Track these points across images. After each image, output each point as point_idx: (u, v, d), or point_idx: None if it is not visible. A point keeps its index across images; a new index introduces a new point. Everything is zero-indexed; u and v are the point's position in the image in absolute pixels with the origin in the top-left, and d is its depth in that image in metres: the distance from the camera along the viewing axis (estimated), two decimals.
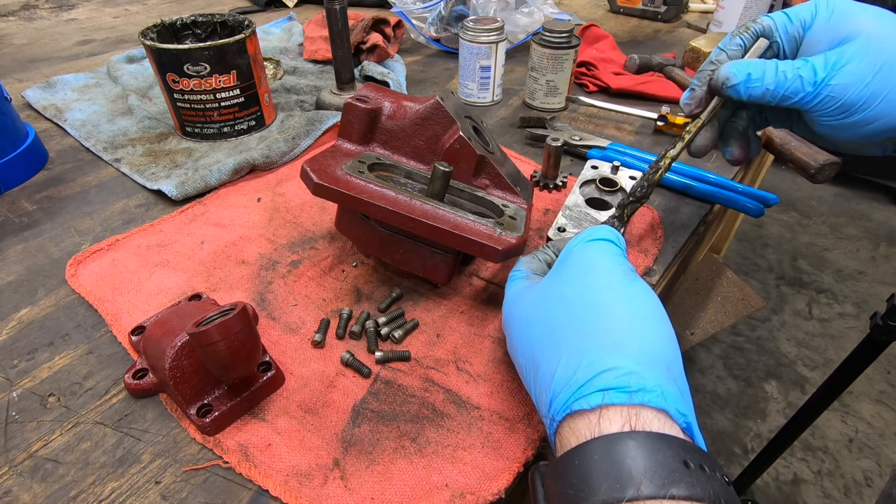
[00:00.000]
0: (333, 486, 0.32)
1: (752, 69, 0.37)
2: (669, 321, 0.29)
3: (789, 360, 1.65)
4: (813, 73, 0.35)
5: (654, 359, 0.26)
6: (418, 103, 0.46)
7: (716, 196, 0.57)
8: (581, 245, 0.33)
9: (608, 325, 0.28)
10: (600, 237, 0.33)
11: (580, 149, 0.66)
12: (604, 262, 0.31)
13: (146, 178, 0.60)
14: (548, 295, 0.32)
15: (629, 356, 0.26)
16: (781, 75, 0.36)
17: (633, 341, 0.27)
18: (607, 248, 0.32)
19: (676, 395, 0.25)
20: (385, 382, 0.39)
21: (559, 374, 0.27)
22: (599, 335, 0.27)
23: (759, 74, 0.36)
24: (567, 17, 0.99)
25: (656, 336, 0.28)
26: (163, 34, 0.68)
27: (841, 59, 0.34)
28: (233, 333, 0.32)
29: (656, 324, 0.28)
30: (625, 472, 0.22)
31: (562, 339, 0.29)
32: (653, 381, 0.25)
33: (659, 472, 0.21)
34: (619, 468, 0.22)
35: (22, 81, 0.86)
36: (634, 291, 0.30)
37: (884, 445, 1.40)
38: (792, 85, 0.35)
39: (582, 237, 0.34)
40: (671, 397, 0.25)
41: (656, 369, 0.26)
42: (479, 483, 0.32)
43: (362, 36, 0.86)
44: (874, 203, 2.35)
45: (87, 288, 0.46)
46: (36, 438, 0.35)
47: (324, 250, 0.51)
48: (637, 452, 0.22)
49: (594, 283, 0.30)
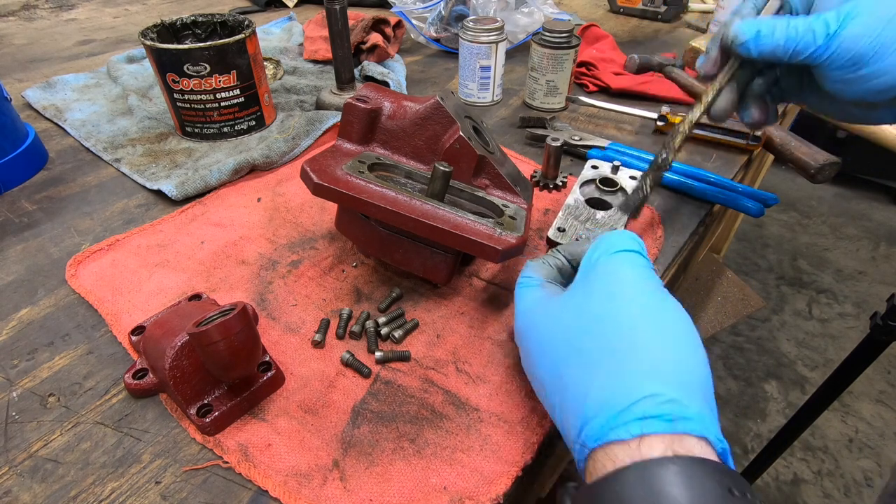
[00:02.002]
0: (333, 487, 0.32)
1: (762, 26, 0.36)
2: (700, 340, 0.28)
3: (789, 360, 1.65)
4: (825, 25, 0.34)
5: (692, 383, 0.26)
6: (418, 103, 0.46)
7: (716, 196, 0.57)
8: (607, 256, 0.31)
9: (644, 346, 0.27)
10: (627, 248, 0.31)
11: (580, 149, 0.66)
12: (633, 276, 0.30)
13: (146, 178, 0.60)
14: (573, 310, 0.31)
15: (668, 382, 0.25)
16: (792, 30, 0.35)
17: (671, 365, 0.26)
18: (635, 260, 0.31)
19: (714, 421, 0.25)
20: (385, 383, 0.39)
21: (592, 399, 0.26)
22: (635, 358, 0.26)
23: (768, 31, 0.36)
24: (567, 17, 0.99)
25: (693, 359, 0.27)
26: (163, 34, 0.68)
27: (853, 12, 0.34)
28: (233, 333, 0.32)
29: (691, 345, 0.27)
30: (668, 499, 0.21)
31: (592, 360, 0.28)
32: (694, 409, 0.24)
33: (704, 499, 0.21)
34: (662, 495, 0.21)
35: (22, 81, 0.86)
36: (668, 310, 0.29)
37: (884, 445, 1.40)
38: (803, 39, 0.35)
39: (606, 247, 0.32)
40: (711, 424, 0.24)
41: (695, 395, 0.25)
42: (478, 487, 0.32)
43: (362, 36, 0.86)
44: (874, 203, 2.35)
45: (87, 288, 0.46)
46: (36, 438, 0.35)
47: (324, 250, 0.51)
48: (679, 479, 0.21)
49: (625, 300, 0.29)
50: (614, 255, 0.31)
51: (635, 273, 0.30)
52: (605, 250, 0.32)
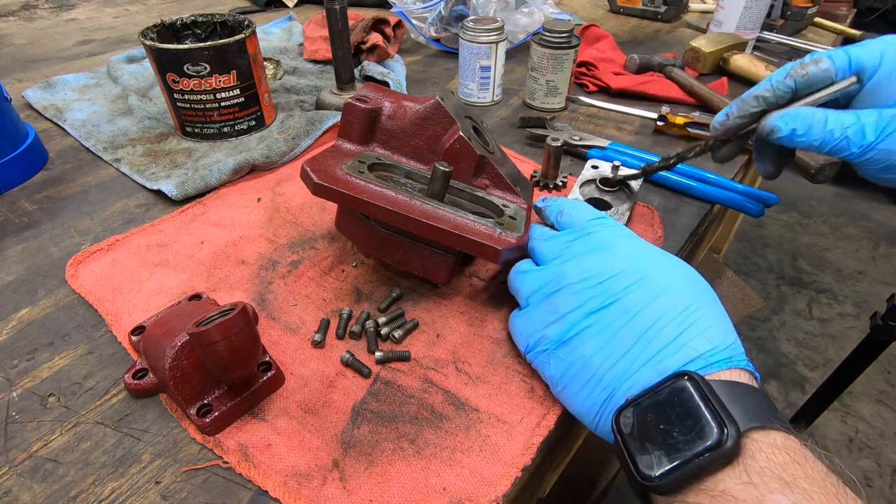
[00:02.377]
0: (332, 488, 0.32)
1: (799, 124, 0.36)
2: None
3: (789, 360, 1.65)
4: (862, 135, 0.34)
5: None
6: (418, 103, 0.46)
7: (716, 196, 0.57)
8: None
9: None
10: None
11: (580, 149, 0.66)
12: None
13: (146, 178, 0.60)
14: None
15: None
16: (829, 134, 0.35)
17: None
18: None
19: None
20: (385, 383, 0.39)
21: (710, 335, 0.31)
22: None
23: (804, 129, 0.35)
24: (567, 17, 0.99)
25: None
26: (163, 34, 0.68)
27: (891, 124, 0.33)
28: (233, 333, 0.32)
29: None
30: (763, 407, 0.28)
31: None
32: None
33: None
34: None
35: (22, 81, 0.86)
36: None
37: (884, 445, 1.40)
38: (839, 144, 0.35)
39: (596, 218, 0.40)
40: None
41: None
42: (477, 488, 0.32)
43: (362, 36, 0.86)
44: (874, 203, 2.35)
45: (87, 288, 0.46)
46: (36, 438, 0.35)
47: (324, 250, 0.51)
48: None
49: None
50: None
51: None
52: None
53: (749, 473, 0.25)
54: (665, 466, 0.27)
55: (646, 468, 0.27)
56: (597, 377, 0.33)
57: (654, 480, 0.27)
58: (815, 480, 0.24)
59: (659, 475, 0.27)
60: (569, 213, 0.42)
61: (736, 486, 0.25)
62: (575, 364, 0.34)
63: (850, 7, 1.33)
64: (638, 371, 0.31)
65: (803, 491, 0.24)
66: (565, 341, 0.34)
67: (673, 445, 0.27)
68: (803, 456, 0.25)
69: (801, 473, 0.24)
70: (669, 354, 0.31)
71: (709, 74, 0.90)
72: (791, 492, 0.24)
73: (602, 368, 0.32)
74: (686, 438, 0.27)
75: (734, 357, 0.30)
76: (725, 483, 0.25)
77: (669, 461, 0.27)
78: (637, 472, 0.28)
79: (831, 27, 1.16)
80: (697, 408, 0.27)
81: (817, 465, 0.25)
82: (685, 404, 0.28)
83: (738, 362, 0.30)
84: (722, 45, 0.89)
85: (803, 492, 0.24)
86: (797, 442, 0.26)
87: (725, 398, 0.27)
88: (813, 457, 0.26)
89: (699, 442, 0.26)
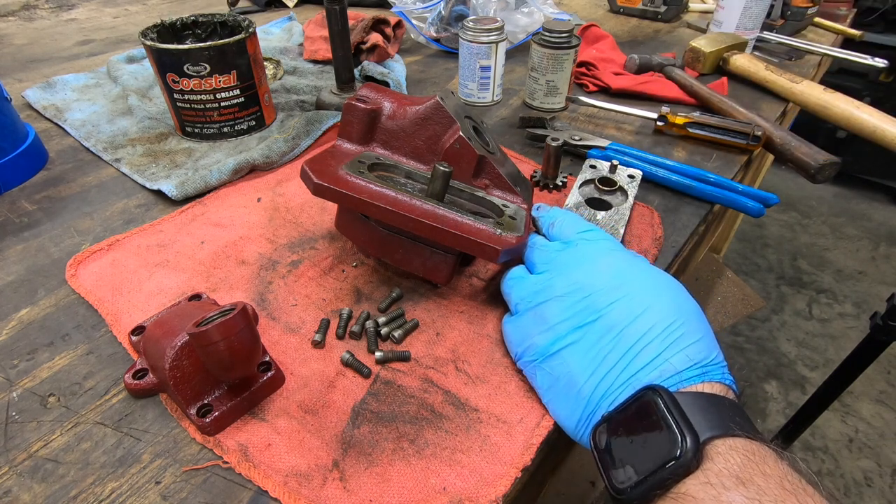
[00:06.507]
0: (332, 488, 0.32)
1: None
2: None
3: (789, 360, 1.65)
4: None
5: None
6: (418, 103, 0.46)
7: (716, 196, 0.57)
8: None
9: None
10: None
11: (580, 149, 0.66)
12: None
13: (146, 178, 0.60)
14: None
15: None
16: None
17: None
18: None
19: None
20: (385, 383, 0.39)
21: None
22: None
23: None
24: (567, 17, 0.99)
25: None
26: (163, 34, 0.68)
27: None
28: (233, 333, 0.32)
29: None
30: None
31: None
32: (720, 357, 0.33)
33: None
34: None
35: (22, 81, 0.86)
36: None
37: (884, 445, 1.40)
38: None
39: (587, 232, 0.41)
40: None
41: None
42: (477, 489, 0.32)
43: (362, 36, 0.86)
44: (874, 203, 2.35)
45: (87, 288, 0.46)
46: (36, 438, 0.35)
47: (324, 250, 0.51)
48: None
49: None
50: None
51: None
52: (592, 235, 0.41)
53: (707, 475, 0.26)
54: (634, 479, 0.28)
55: (618, 482, 0.29)
56: (581, 394, 0.34)
57: (625, 493, 0.28)
58: (772, 477, 0.25)
59: (629, 487, 0.28)
60: (559, 224, 0.44)
61: (695, 486, 0.26)
62: (561, 379, 0.35)
63: (850, 7, 1.33)
64: (618, 388, 0.33)
65: (758, 487, 0.25)
66: (552, 354, 0.36)
67: (640, 459, 0.29)
68: (762, 457, 0.27)
69: (758, 471, 0.26)
70: (649, 372, 0.32)
71: (709, 74, 0.90)
72: (746, 489, 0.25)
73: (586, 387, 0.34)
74: (651, 452, 0.28)
75: (709, 371, 0.32)
76: (686, 486, 0.27)
77: (637, 474, 0.28)
78: (611, 486, 0.29)
79: (831, 27, 1.17)
80: (661, 421, 0.29)
81: (777, 465, 0.26)
82: (650, 418, 0.29)
83: (712, 376, 0.32)
84: (722, 45, 0.89)
85: (758, 488, 0.25)
86: (759, 445, 0.28)
87: (689, 409, 0.29)
88: (774, 456, 0.27)
89: (662, 454, 0.27)
